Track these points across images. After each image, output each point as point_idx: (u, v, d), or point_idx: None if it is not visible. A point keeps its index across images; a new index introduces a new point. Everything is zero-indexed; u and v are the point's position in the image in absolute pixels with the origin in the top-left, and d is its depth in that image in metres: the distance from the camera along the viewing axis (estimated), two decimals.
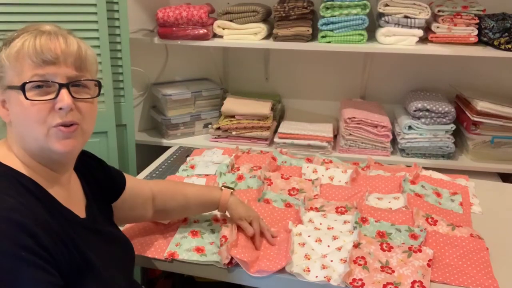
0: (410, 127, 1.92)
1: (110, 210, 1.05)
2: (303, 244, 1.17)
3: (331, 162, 1.68)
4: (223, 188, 1.23)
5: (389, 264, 1.09)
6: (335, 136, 2.06)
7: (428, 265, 1.07)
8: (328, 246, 1.15)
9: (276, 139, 2.03)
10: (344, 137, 1.97)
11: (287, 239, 1.16)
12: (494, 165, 1.91)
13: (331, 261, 1.10)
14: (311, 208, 1.35)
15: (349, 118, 1.94)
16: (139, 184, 1.14)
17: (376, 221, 1.27)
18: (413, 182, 1.50)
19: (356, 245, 1.13)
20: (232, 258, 1.10)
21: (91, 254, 0.83)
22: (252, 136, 2.05)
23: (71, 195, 0.89)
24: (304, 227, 1.23)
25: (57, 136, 0.80)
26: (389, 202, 1.40)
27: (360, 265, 1.08)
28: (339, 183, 1.54)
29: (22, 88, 0.78)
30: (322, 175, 1.58)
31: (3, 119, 0.83)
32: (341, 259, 1.10)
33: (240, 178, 1.51)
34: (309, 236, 1.19)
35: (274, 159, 1.70)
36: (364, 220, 1.27)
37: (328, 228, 1.26)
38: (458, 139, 1.95)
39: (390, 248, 1.13)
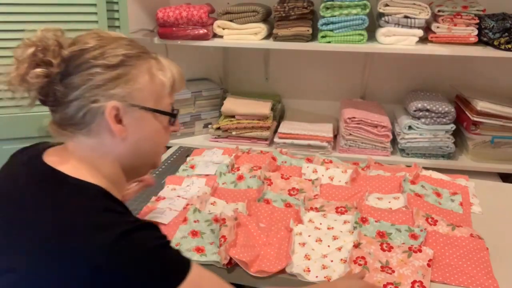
0: (410, 127, 1.92)
1: None
2: (303, 244, 1.17)
3: (331, 162, 1.68)
4: None
5: (389, 264, 1.09)
6: (335, 136, 2.06)
7: (428, 265, 1.07)
8: (328, 246, 1.15)
9: (276, 139, 2.03)
10: (344, 137, 1.97)
11: (288, 238, 1.16)
12: (494, 165, 1.91)
13: (331, 261, 1.10)
14: (311, 208, 1.35)
15: (349, 118, 1.94)
16: None
17: (376, 221, 1.27)
18: (413, 182, 1.50)
19: (356, 245, 1.14)
20: (231, 258, 1.10)
21: None
22: (252, 136, 2.05)
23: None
24: (304, 227, 1.24)
25: (161, 154, 0.93)
26: (389, 202, 1.40)
27: (360, 265, 1.08)
28: (339, 183, 1.54)
29: (171, 115, 0.87)
30: (322, 175, 1.58)
31: (117, 134, 0.81)
32: (341, 259, 1.10)
33: (240, 178, 1.51)
34: (309, 236, 1.19)
35: (274, 159, 1.70)
36: (364, 220, 1.27)
37: (328, 228, 1.26)
38: (458, 139, 1.96)
39: (390, 248, 1.13)
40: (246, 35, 1.94)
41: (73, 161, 0.81)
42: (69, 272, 0.67)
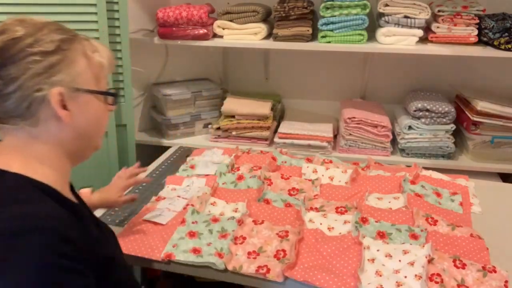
0: (410, 127, 1.92)
1: None
2: (373, 260, 1.11)
3: (331, 162, 1.68)
4: (82, 190, 1.18)
5: (464, 283, 1.05)
6: (335, 136, 2.06)
7: (506, 286, 1.04)
8: (400, 260, 1.10)
9: (276, 139, 2.03)
10: (344, 137, 1.97)
11: (358, 252, 1.11)
12: (494, 165, 1.91)
13: (405, 277, 1.04)
14: (311, 208, 1.35)
15: (349, 118, 1.94)
16: None
17: (376, 221, 1.27)
18: (413, 182, 1.50)
19: (430, 261, 1.09)
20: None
21: (106, 245, 0.87)
22: (252, 136, 2.05)
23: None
24: (372, 240, 1.18)
25: (102, 135, 0.91)
26: (389, 202, 1.40)
27: (436, 282, 1.04)
28: (339, 183, 1.54)
29: (113, 94, 0.88)
30: (322, 175, 1.58)
31: (63, 120, 0.78)
32: (416, 275, 1.04)
33: (240, 178, 1.51)
34: (378, 251, 1.14)
35: (274, 159, 1.70)
36: (364, 220, 1.27)
37: (328, 228, 1.26)
38: (458, 139, 1.95)
39: (463, 266, 1.09)
40: (246, 35, 1.94)
41: (15, 155, 0.78)
42: None
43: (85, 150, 0.88)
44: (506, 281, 1.05)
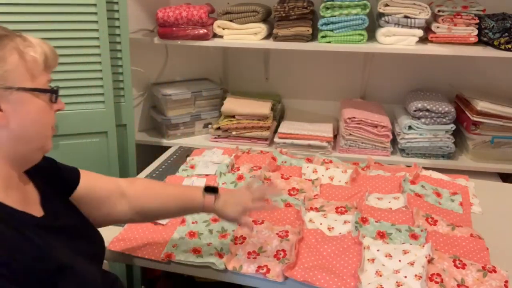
0: (410, 127, 1.92)
1: (72, 204, 1.00)
2: (373, 260, 1.11)
3: (331, 162, 1.68)
4: (205, 193, 1.08)
5: (464, 283, 1.05)
6: (335, 136, 2.06)
7: (506, 286, 1.04)
8: (400, 261, 1.10)
9: (276, 139, 2.03)
10: (344, 137, 1.97)
11: (358, 252, 1.11)
12: (494, 165, 1.91)
13: (405, 277, 1.04)
14: (311, 208, 1.35)
15: (349, 118, 1.94)
16: (100, 180, 1.05)
17: (376, 221, 1.27)
18: (413, 182, 1.50)
19: (430, 261, 1.09)
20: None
21: (57, 254, 0.80)
22: (252, 136, 2.05)
23: (27, 196, 0.86)
24: (372, 240, 1.18)
25: (50, 136, 0.85)
26: (389, 202, 1.40)
27: (436, 282, 1.04)
28: (339, 183, 1.54)
29: (53, 91, 0.82)
30: (322, 175, 1.58)
31: None
32: (416, 275, 1.04)
33: (240, 178, 1.51)
34: (378, 251, 1.14)
35: (274, 159, 1.70)
36: (364, 220, 1.27)
37: (328, 228, 1.26)
38: (458, 139, 1.95)
39: (463, 266, 1.09)
40: (246, 35, 1.94)
41: None
42: None
43: (28, 153, 0.82)
44: (506, 281, 1.05)
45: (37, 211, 0.86)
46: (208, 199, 1.07)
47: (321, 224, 1.27)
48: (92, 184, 1.02)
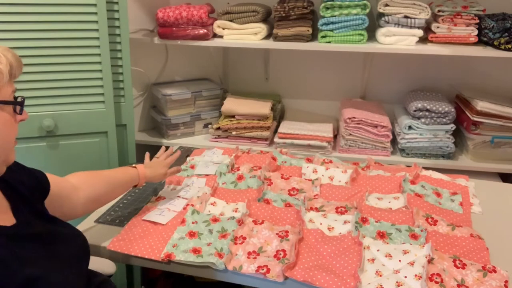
0: (410, 127, 1.92)
1: (45, 208, 0.99)
2: (373, 260, 1.11)
3: (331, 162, 1.68)
4: (134, 166, 1.31)
5: (464, 283, 1.05)
6: (335, 136, 2.06)
7: (506, 286, 1.04)
8: (400, 260, 1.09)
9: (276, 139, 2.03)
10: (344, 137, 1.97)
11: (358, 252, 1.11)
12: (494, 165, 1.91)
13: (405, 277, 1.04)
14: (311, 208, 1.35)
15: (349, 118, 1.94)
16: (58, 179, 1.07)
17: (376, 221, 1.27)
18: (413, 182, 1.50)
19: (430, 261, 1.09)
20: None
21: (27, 265, 0.78)
22: (252, 136, 2.05)
23: None
24: (372, 240, 1.18)
25: (13, 147, 0.83)
26: (389, 202, 1.40)
27: (436, 282, 1.04)
28: (339, 183, 1.54)
29: (18, 103, 0.79)
30: (322, 175, 1.58)
31: None
32: (416, 275, 1.04)
33: (240, 178, 1.51)
34: (378, 251, 1.14)
35: (274, 159, 1.70)
36: (364, 220, 1.27)
37: (328, 228, 1.26)
38: (458, 139, 1.96)
39: (463, 266, 1.09)
40: (246, 35, 1.94)
41: None
42: None
43: None
44: (506, 281, 1.05)
45: (8, 221, 0.84)
46: (140, 168, 1.30)
47: (321, 224, 1.27)
48: (57, 185, 1.04)
